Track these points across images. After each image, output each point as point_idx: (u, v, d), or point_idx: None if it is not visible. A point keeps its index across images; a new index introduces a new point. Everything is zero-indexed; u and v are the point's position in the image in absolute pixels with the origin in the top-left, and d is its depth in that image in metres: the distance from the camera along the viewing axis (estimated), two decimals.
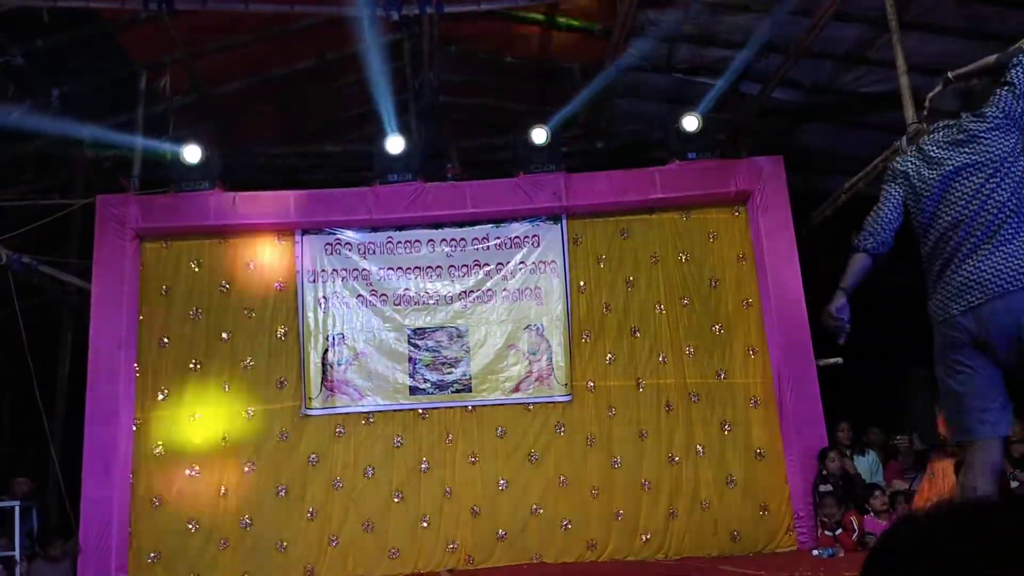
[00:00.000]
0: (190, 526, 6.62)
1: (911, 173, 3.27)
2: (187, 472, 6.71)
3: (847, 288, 3.39)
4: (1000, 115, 3.08)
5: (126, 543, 6.50)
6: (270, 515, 6.71)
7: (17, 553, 6.32)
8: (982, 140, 3.09)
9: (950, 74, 3.39)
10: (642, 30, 6.93)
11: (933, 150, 3.21)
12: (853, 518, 6.24)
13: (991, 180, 3.04)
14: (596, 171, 7.42)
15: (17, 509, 6.46)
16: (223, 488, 6.72)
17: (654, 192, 7.20)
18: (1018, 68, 3.10)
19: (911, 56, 6.05)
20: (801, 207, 7.35)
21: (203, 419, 6.83)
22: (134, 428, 6.73)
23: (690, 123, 7.15)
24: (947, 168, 3.14)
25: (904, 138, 6.02)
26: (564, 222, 7.30)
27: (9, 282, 6.95)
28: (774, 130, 7.91)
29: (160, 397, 6.83)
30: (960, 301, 3.05)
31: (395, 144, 7.15)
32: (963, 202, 3.08)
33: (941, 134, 3.22)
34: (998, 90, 3.12)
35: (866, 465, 6.91)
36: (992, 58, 3.26)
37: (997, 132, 3.08)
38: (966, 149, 3.12)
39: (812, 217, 7.66)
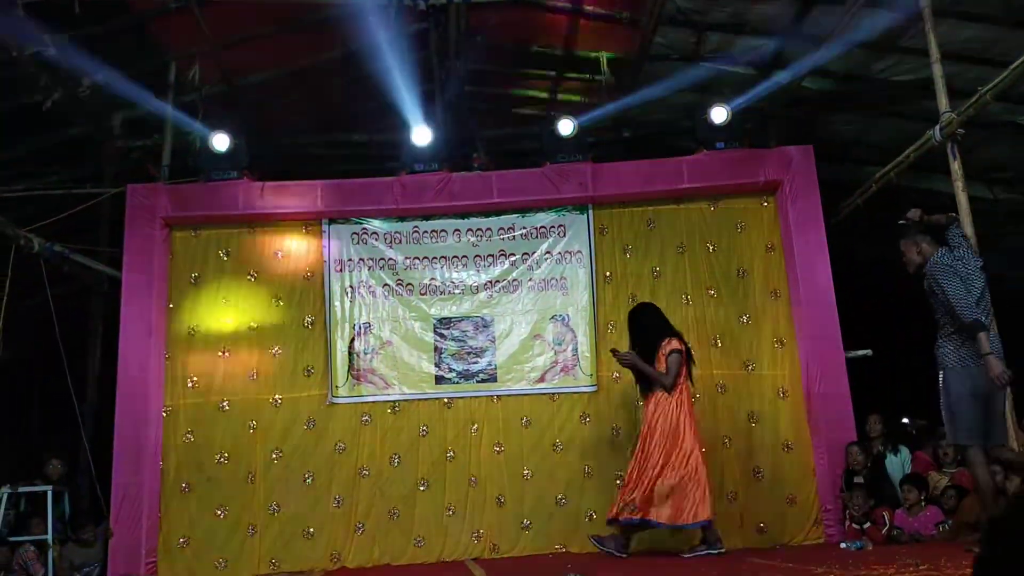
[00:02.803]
0: (219, 512, 6.69)
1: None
2: (216, 458, 6.78)
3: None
4: None
5: (156, 528, 6.59)
6: (297, 502, 6.77)
7: (49, 536, 6.42)
8: None
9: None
10: (671, 18, 6.87)
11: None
12: (884, 513, 6.18)
13: None
14: (623, 160, 7.37)
15: (50, 493, 6.56)
16: (251, 475, 6.78)
17: (681, 182, 7.15)
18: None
19: (944, 44, 5.95)
20: (831, 197, 7.28)
21: (231, 407, 6.89)
22: (164, 415, 6.81)
23: (719, 115, 7.09)
24: None
25: (937, 128, 5.94)
26: (590, 212, 7.28)
27: (41, 270, 7.05)
28: (804, 119, 7.82)
29: (190, 385, 6.90)
30: None
31: (421, 134, 7.16)
32: None
33: None
34: None
35: (898, 463, 6.83)
36: None
37: None
38: None
39: (842, 207, 7.58)
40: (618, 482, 6.68)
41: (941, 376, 4.79)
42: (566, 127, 7.15)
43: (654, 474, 5.69)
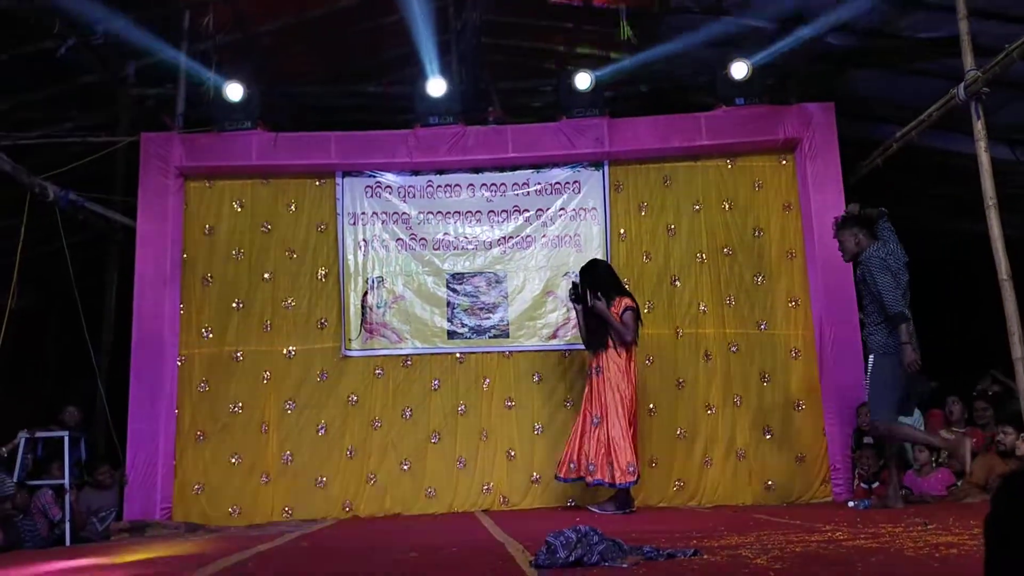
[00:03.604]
0: (233, 460, 6.78)
1: None
2: (230, 408, 6.86)
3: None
4: None
5: (171, 474, 6.69)
6: (310, 452, 6.85)
7: (66, 481, 6.53)
8: None
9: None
10: None
11: None
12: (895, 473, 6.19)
13: None
14: (640, 116, 7.28)
15: (67, 439, 6.66)
16: (264, 425, 6.86)
17: (699, 138, 7.07)
18: None
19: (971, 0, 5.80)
20: (850, 156, 7.18)
21: (245, 357, 6.95)
22: (179, 364, 6.87)
23: (739, 70, 6.98)
24: None
25: (961, 86, 5.82)
26: (606, 168, 7.22)
27: (56, 218, 7.07)
28: (825, 76, 7.68)
29: (204, 335, 6.95)
30: None
31: (436, 86, 7.08)
32: None
33: None
34: None
35: (911, 424, 6.82)
36: None
37: None
38: None
39: (861, 166, 7.48)
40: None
41: (872, 360, 5.34)
42: (583, 81, 7.06)
43: (615, 434, 5.86)
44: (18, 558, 5.15)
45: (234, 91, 7.00)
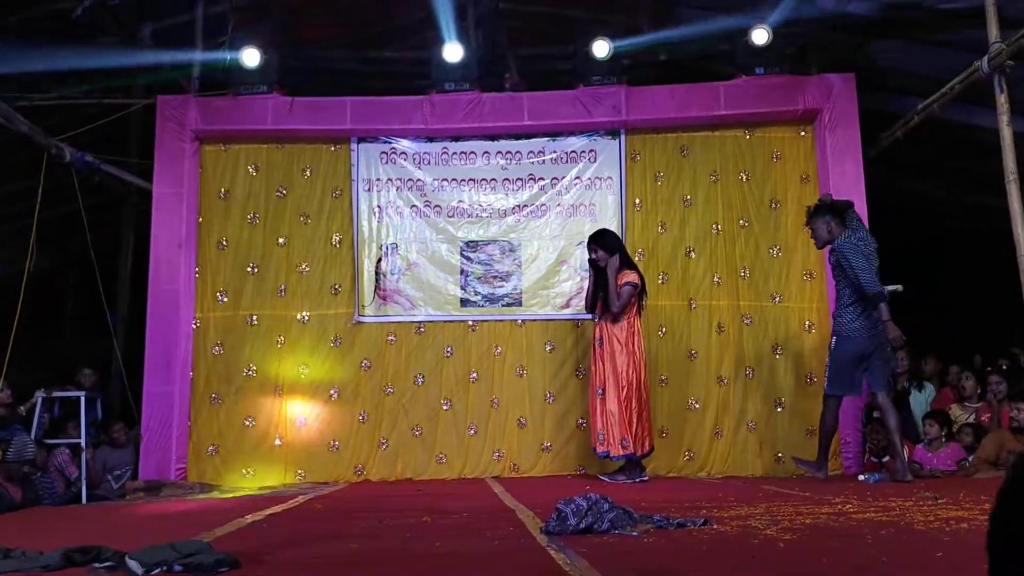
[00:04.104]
0: (247, 423, 6.85)
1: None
2: (244, 372, 6.91)
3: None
4: None
5: (186, 436, 6.76)
6: (323, 416, 6.92)
7: (83, 440, 6.62)
8: None
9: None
10: None
11: None
12: (904, 447, 6.19)
13: None
14: (658, 84, 7.21)
15: (83, 399, 6.74)
16: (278, 388, 6.91)
17: (718, 108, 7.01)
18: None
19: None
20: (869, 128, 7.10)
21: (260, 321, 6.99)
22: (194, 327, 6.92)
23: (759, 36, 6.88)
24: None
25: (985, 59, 5.73)
26: (622, 137, 7.17)
27: (73, 180, 7.10)
28: (846, 46, 7.56)
29: (219, 299, 6.99)
30: None
31: (453, 52, 7.02)
32: None
33: None
34: None
35: (923, 400, 6.83)
36: None
37: None
38: None
39: (881, 139, 7.39)
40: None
41: (834, 340, 5.69)
42: (601, 49, 6.97)
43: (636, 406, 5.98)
44: (41, 514, 5.24)
45: (250, 56, 6.97)
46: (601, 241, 6.21)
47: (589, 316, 6.59)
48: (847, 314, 5.60)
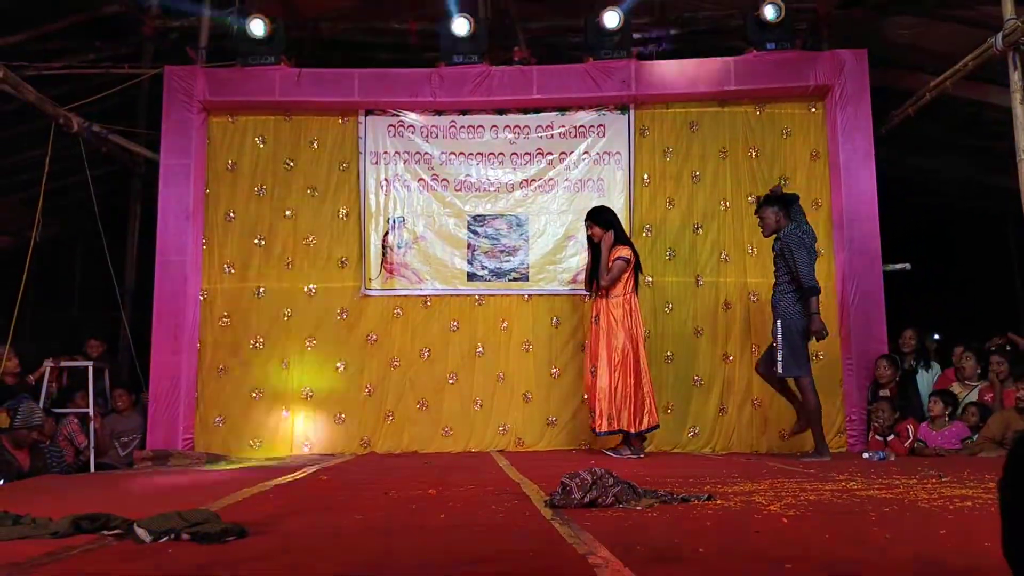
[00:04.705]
0: (253, 395, 6.89)
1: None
2: (251, 343, 6.93)
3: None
4: None
5: (193, 406, 6.80)
6: (329, 389, 6.94)
7: (90, 409, 6.68)
8: None
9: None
10: None
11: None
12: (909, 426, 6.22)
13: None
14: (668, 59, 7.15)
15: (90, 368, 6.79)
16: (285, 361, 6.94)
17: (728, 83, 6.95)
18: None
19: None
20: (880, 105, 7.04)
21: (266, 293, 7.00)
22: (201, 299, 6.94)
23: (770, 11, 6.80)
24: None
25: (999, 35, 5.66)
26: (631, 112, 7.12)
27: (81, 150, 7.09)
28: (858, 21, 7.49)
29: (226, 270, 7.00)
30: None
31: (461, 24, 6.97)
32: None
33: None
34: None
35: (929, 379, 6.82)
36: None
37: None
38: None
39: (891, 116, 7.34)
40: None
41: (780, 323, 5.84)
42: (612, 19, 6.89)
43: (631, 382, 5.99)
44: (50, 482, 5.29)
45: (257, 26, 6.92)
46: (597, 218, 6.22)
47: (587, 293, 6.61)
48: (787, 299, 5.86)
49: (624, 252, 6.08)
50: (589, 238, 6.23)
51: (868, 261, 6.72)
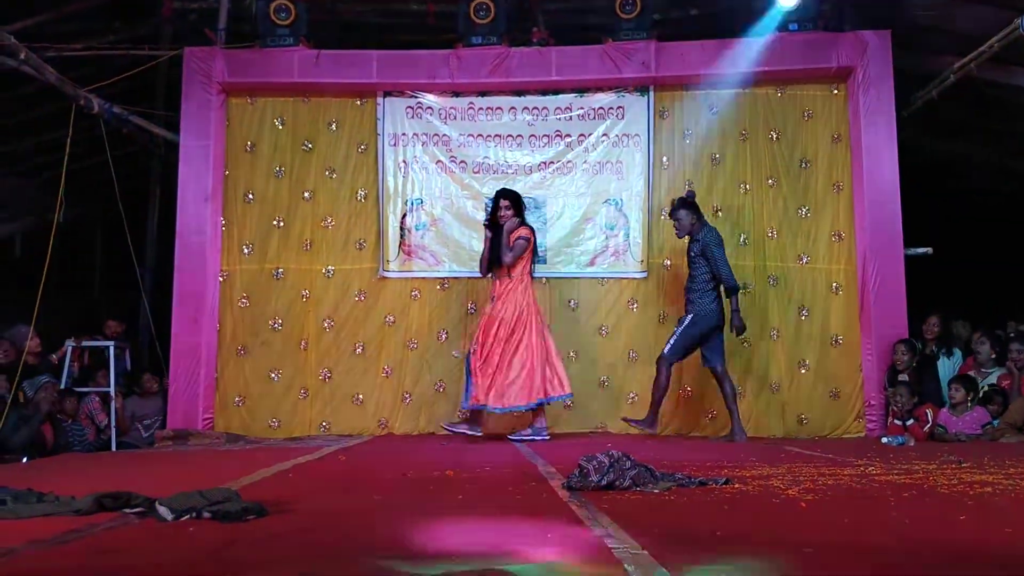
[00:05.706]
0: (272, 375, 6.93)
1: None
2: (270, 324, 6.97)
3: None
4: None
5: (212, 387, 6.85)
6: (347, 370, 6.97)
7: (111, 388, 6.75)
8: None
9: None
10: None
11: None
12: (928, 410, 6.18)
13: None
14: (689, 40, 7.07)
15: (111, 349, 6.86)
16: (303, 342, 6.97)
17: (749, 65, 6.86)
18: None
19: None
20: (903, 87, 6.94)
21: (285, 275, 7.03)
22: (220, 280, 6.97)
23: None
24: None
25: None
26: (651, 94, 7.07)
27: (101, 131, 7.13)
28: (882, 2, 7.37)
29: (245, 251, 7.03)
30: None
31: (479, 5, 6.92)
32: None
33: None
34: None
35: (951, 366, 6.76)
36: None
37: None
38: None
39: (914, 98, 7.24)
40: None
41: (690, 318, 6.17)
42: None
43: (500, 362, 6.06)
44: (72, 460, 5.36)
45: (276, 7, 6.91)
46: (515, 200, 6.30)
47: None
48: (705, 297, 6.17)
49: (526, 232, 6.20)
50: (489, 224, 6.28)
51: (890, 246, 6.66)
